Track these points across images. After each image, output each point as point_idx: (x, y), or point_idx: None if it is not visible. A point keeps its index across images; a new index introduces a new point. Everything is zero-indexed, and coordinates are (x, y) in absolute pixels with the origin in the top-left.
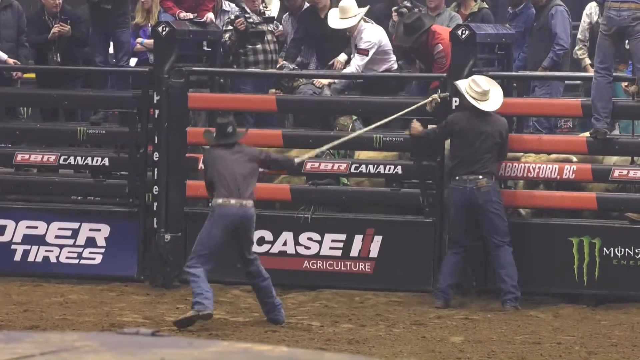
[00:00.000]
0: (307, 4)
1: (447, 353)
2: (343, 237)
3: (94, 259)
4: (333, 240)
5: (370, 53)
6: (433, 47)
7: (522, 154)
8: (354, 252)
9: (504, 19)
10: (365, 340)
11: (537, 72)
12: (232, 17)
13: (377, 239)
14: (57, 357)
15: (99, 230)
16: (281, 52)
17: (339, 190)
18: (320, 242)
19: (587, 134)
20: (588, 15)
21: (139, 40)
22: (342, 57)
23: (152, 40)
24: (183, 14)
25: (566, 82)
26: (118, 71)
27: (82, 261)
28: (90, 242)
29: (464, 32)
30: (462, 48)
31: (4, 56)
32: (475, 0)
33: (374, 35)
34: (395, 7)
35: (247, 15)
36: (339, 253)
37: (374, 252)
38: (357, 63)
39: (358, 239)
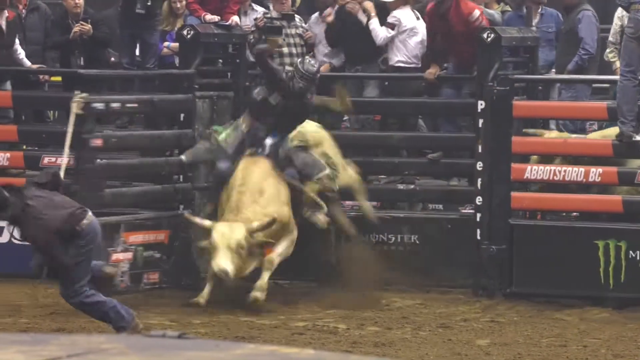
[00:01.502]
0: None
1: (473, 356)
2: None
3: None
4: None
5: (396, 30)
6: (468, 15)
7: (545, 130)
8: None
9: (530, 20)
10: (391, 343)
11: (562, 75)
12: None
13: None
14: (83, 359)
15: None
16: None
17: None
18: None
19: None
20: (619, 18)
21: (166, 43)
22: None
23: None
24: (209, 17)
25: (594, 85)
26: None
27: None
28: None
29: (489, 35)
30: (488, 51)
31: (28, 63)
32: (499, 3)
33: (405, 16)
34: None
35: (265, 12)
36: None
37: None
38: (383, 34)
39: None
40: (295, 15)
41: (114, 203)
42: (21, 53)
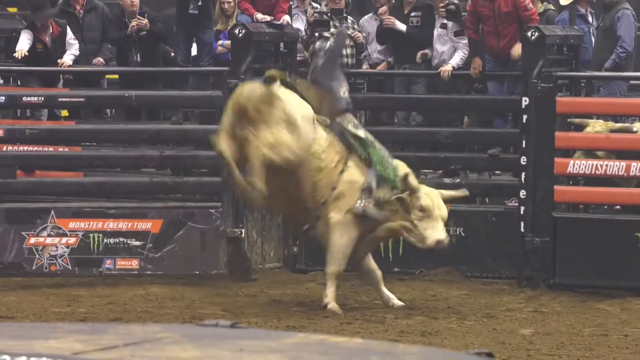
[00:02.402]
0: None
1: (516, 345)
2: None
3: None
4: None
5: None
6: None
7: (590, 120)
8: None
9: (573, 19)
10: (437, 332)
11: (603, 73)
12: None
13: None
14: (139, 348)
15: None
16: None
17: None
18: None
19: None
20: None
21: (220, 42)
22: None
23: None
24: (260, 16)
25: (631, 82)
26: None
27: None
28: None
29: (533, 33)
30: (532, 49)
31: (101, 60)
32: (542, 2)
33: None
34: None
35: (315, 7)
36: None
37: None
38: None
39: None
40: (348, 17)
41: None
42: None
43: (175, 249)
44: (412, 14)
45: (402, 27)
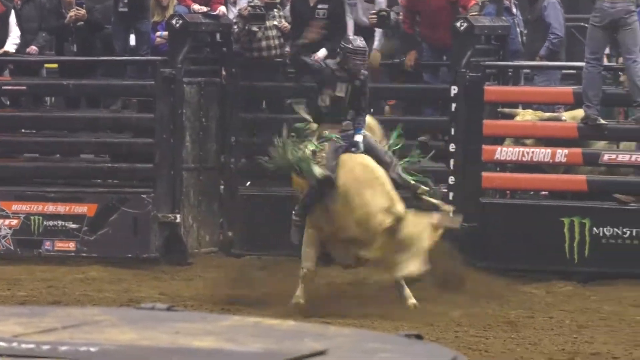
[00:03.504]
0: None
1: (445, 327)
2: None
3: None
4: None
5: None
6: None
7: (519, 110)
8: None
9: (501, 11)
10: (368, 315)
11: (530, 62)
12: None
13: None
14: (78, 330)
15: None
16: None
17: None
18: None
19: None
20: None
21: (158, 33)
22: (322, 52)
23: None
24: (197, 7)
25: (563, 71)
26: None
27: None
28: None
29: (462, 24)
30: (461, 39)
31: (35, 49)
32: None
33: None
34: None
35: (249, 0)
36: None
37: None
38: None
39: None
40: (274, 9)
41: None
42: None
43: (109, 232)
44: (319, 6)
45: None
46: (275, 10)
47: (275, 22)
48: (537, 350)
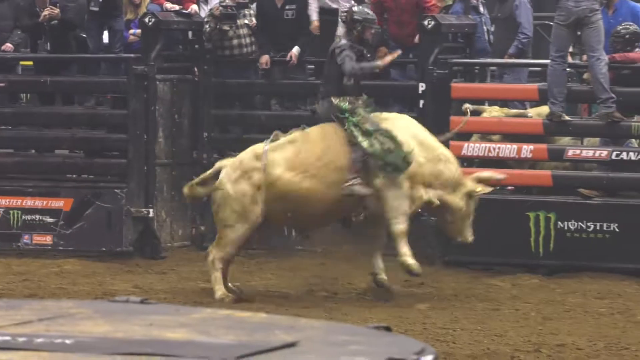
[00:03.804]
0: None
1: (413, 319)
2: None
3: None
4: None
5: None
6: None
7: (486, 107)
8: None
9: (468, 9)
10: (338, 308)
11: (496, 60)
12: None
13: None
14: (54, 322)
15: None
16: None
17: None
18: None
19: None
20: None
21: (131, 31)
22: (296, 49)
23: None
24: (169, 5)
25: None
26: None
27: None
28: None
29: (430, 22)
30: (429, 37)
31: (10, 46)
32: None
33: None
34: None
35: (221, 1)
36: None
37: None
38: None
39: None
40: (246, 8)
41: None
42: None
43: (84, 226)
44: (287, 7)
45: None
46: (245, 9)
47: (246, 21)
48: (503, 342)
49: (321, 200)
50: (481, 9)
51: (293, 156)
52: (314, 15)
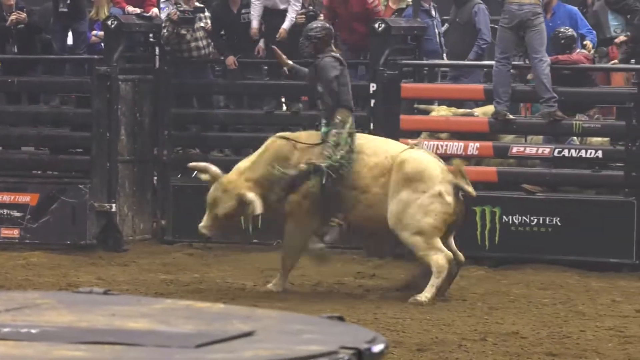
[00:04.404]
0: None
1: (365, 309)
2: None
3: None
4: None
5: None
6: None
7: (434, 107)
8: None
9: (416, 12)
10: (292, 298)
11: (443, 61)
12: (169, 11)
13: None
14: (20, 313)
15: None
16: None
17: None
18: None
19: None
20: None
21: (94, 32)
22: (262, 42)
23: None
24: (131, 9)
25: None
26: None
27: None
28: None
29: (380, 25)
30: (379, 39)
31: None
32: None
33: None
34: None
35: (178, 6)
36: None
37: None
38: None
39: None
40: (202, 13)
41: None
42: None
43: (50, 220)
44: (243, 11)
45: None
46: (200, 13)
47: (202, 24)
48: (451, 331)
49: None
50: (433, 12)
51: None
52: (254, 23)
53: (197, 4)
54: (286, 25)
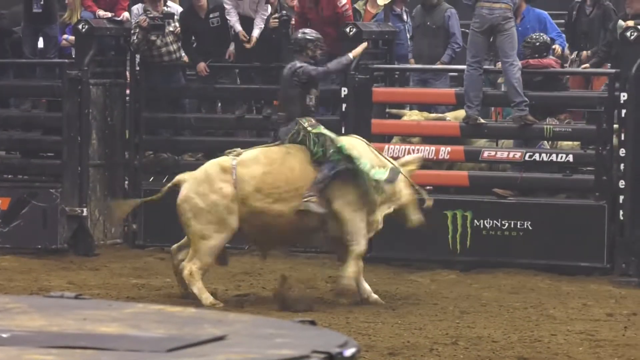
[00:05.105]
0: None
1: (337, 313)
2: None
3: None
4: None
5: None
6: (337, 1)
7: (406, 111)
8: None
9: (387, 17)
10: (264, 302)
11: (414, 65)
12: (139, 18)
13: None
14: None
15: None
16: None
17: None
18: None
19: None
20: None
21: (65, 36)
22: (232, 46)
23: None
24: (102, 13)
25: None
26: None
27: None
28: None
29: (351, 29)
30: (351, 43)
31: None
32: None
33: None
34: None
35: (147, 12)
36: None
37: None
38: None
39: None
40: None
41: None
42: None
43: (21, 224)
44: (211, 15)
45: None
46: (169, 19)
47: (171, 29)
48: (423, 335)
49: (289, 222)
50: (405, 17)
51: (262, 175)
52: (237, 27)
53: (165, 8)
54: (255, 33)
